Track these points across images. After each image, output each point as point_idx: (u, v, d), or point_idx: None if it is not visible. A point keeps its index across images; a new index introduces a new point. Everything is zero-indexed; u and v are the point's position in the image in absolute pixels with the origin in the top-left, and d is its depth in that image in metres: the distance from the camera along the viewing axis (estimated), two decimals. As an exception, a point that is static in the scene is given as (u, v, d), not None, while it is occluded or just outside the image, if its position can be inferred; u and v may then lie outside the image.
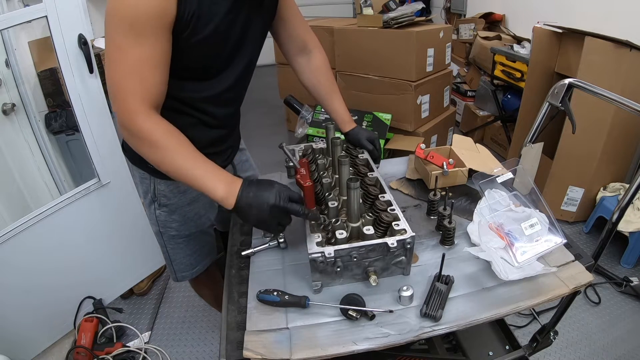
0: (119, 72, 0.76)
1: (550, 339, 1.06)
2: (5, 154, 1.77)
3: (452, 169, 1.12)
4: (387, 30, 2.31)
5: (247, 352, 0.70)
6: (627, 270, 1.98)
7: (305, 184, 0.89)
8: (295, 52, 1.14)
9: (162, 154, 0.79)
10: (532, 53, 2.42)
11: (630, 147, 2.23)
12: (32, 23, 1.45)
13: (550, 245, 0.85)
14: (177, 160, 0.78)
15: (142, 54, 0.74)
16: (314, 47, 1.14)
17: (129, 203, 1.73)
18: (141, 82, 0.76)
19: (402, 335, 0.72)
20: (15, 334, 1.50)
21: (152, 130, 0.77)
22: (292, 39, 1.11)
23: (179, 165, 0.79)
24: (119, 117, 0.78)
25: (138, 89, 0.76)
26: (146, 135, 0.77)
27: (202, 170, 0.79)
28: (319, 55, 1.15)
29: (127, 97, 0.76)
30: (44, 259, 1.52)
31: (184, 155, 0.79)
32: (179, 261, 1.20)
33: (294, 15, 1.08)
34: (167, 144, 0.78)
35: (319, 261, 0.77)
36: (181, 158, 0.79)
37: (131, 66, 0.75)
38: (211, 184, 0.78)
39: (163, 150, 0.78)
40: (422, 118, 2.53)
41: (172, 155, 0.78)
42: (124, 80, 0.76)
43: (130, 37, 0.73)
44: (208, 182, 0.78)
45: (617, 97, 0.93)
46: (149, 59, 0.75)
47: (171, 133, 0.79)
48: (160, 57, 0.77)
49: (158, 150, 0.78)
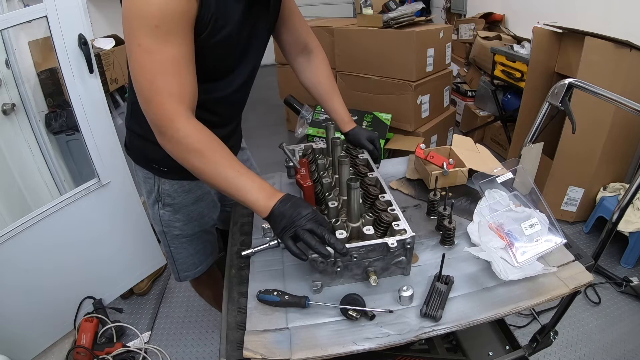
0: (150, 74, 0.73)
1: (550, 339, 1.06)
2: (5, 154, 1.77)
3: (452, 169, 1.12)
4: (387, 30, 2.31)
5: (247, 352, 0.70)
6: (627, 270, 1.98)
7: (305, 184, 0.89)
8: (295, 52, 1.15)
9: (204, 161, 0.76)
10: (532, 53, 2.42)
11: (630, 147, 2.23)
12: (32, 23, 1.45)
13: (550, 245, 0.85)
14: (219, 168, 0.76)
15: (173, 53, 0.73)
16: (314, 47, 1.15)
17: (129, 203, 1.73)
18: (177, 83, 0.74)
19: (402, 335, 0.72)
20: (15, 333, 1.50)
21: (193, 136, 0.75)
22: (292, 39, 1.12)
23: (222, 173, 0.76)
24: (155, 122, 0.76)
25: (175, 90, 0.74)
26: (188, 141, 0.75)
27: (245, 180, 0.76)
28: (319, 55, 1.15)
29: (164, 99, 0.73)
30: (44, 258, 1.52)
31: (226, 163, 0.76)
32: (182, 261, 1.21)
33: (295, 16, 1.09)
34: (209, 150, 0.76)
35: (319, 261, 0.77)
36: (223, 166, 0.76)
37: (164, 67, 0.72)
38: (254, 196, 0.76)
39: (205, 157, 0.75)
40: (422, 118, 2.53)
41: (215, 162, 0.76)
42: (157, 82, 0.73)
43: (157, 37, 0.71)
44: (250, 193, 0.76)
45: (617, 97, 0.93)
46: (181, 58, 0.74)
47: (212, 139, 0.77)
48: (189, 56, 0.76)
49: (200, 157, 0.75)
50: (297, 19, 1.10)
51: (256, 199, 0.76)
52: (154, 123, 0.76)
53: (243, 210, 1.16)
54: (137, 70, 0.74)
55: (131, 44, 0.72)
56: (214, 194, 1.18)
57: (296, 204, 0.74)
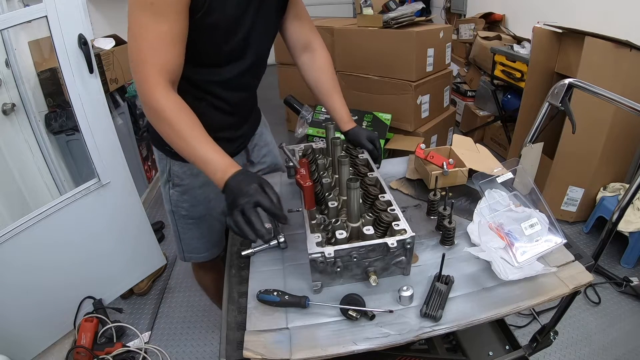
0: (140, 46, 0.81)
1: (550, 339, 1.06)
2: (5, 154, 1.77)
3: (452, 169, 1.12)
4: (387, 30, 2.31)
5: (247, 352, 0.70)
6: (627, 270, 1.98)
7: (305, 184, 0.89)
8: (300, 49, 1.17)
9: (173, 129, 0.82)
10: (532, 53, 2.42)
11: (630, 147, 2.23)
12: (32, 23, 1.45)
13: (550, 245, 0.85)
14: (185, 138, 0.82)
15: (164, 30, 0.80)
16: (318, 46, 1.17)
17: (129, 203, 1.73)
18: (163, 57, 0.81)
19: (402, 335, 0.72)
20: (15, 333, 1.50)
21: (167, 105, 0.81)
22: (297, 36, 1.15)
23: (186, 143, 0.82)
24: (139, 90, 0.83)
25: (157, 62, 0.81)
26: (161, 110, 0.81)
27: (206, 152, 0.82)
28: (323, 54, 1.18)
29: (147, 69, 0.81)
30: (44, 258, 1.52)
31: (193, 134, 0.82)
32: (187, 242, 1.25)
33: (301, 13, 1.12)
34: (179, 121, 0.82)
35: (319, 261, 0.77)
36: (189, 137, 0.82)
37: (153, 41, 0.80)
38: (212, 168, 0.81)
39: (174, 126, 0.82)
40: (422, 118, 2.53)
41: (182, 132, 0.82)
42: (145, 54, 0.81)
43: (151, 13, 0.78)
44: (210, 165, 0.81)
45: (617, 97, 0.93)
46: (171, 35, 0.81)
47: (184, 111, 0.83)
48: (179, 33, 0.82)
49: (170, 125, 0.82)
50: (303, 17, 1.13)
51: (214, 171, 0.81)
52: (138, 90, 0.83)
53: (243, 210, 1.15)
54: (131, 41, 0.81)
55: (129, 17, 0.81)
56: None
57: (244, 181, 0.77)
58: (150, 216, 2.04)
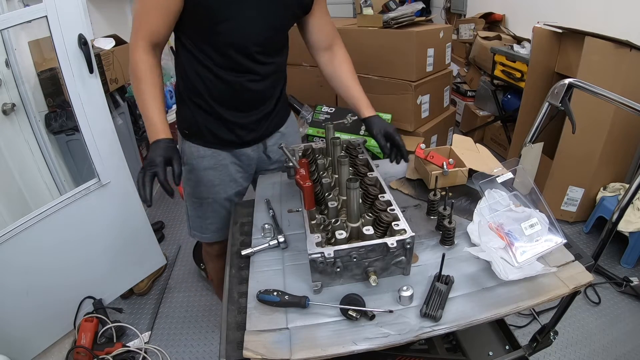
0: (136, 12, 0.98)
1: (550, 339, 1.06)
2: (5, 154, 1.77)
3: (452, 169, 1.12)
4: (387, 30, 2.31)
5: (247, 352, 0.70)
6: (627, 270, 1.98)
7: (305, 184, 0.89)
8: (322, 49, 1.23)
9: (137, 85, 0.98)
10: (532, 53, 2.42)
11: (630, 147, 2.23)
12: (32, 23, 1.45)
13: (550, 245, 0.85)
14: (142, 95, 0.97)
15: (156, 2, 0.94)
16: (339, 46, 1.24)
17: (129, 203, 1.73)
18: (147, 21, 0.96)
19: (402, 335, 0.72)
20: (15, 334, 1.50)
21: (140, 64, 0.97)
22: (319, 37, 1.20)
23: (142, 99, 0.97)
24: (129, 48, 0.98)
25: (143, 27, 0.97)
26: (135, 66, 0.97)
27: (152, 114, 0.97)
28: (341, 51, 1.24)
29: (135, 32, 0.97)
30: (44, 259, 1.52)
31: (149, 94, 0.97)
32: (193, 219, 1.34)
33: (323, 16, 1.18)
34: (145, 79, 0.97)
35: (319, 261, 0.77)
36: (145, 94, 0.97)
37: (144, 8, 0.96)
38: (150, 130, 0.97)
39: (139, 82, 0.97)
40: (422, 118, 2.53)
41: (142, 89, 0.97)
42: (137, 19, 0.98)
43: None
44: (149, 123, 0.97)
45: (617, 97, 0.93)
46: (157, 5, 0.94)
47: (152, 72, 0.98)
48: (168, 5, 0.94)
49: (137, 81, 0.98)
50: (325, 20, 1.19)
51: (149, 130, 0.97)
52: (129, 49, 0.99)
53: (243, 210, 1.16)
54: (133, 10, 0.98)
55: None
56: (233, 171, 1.25)
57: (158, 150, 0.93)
58: (150, 216, 2.04)
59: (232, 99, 1.11)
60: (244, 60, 1.06)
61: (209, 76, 1.07)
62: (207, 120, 1.16)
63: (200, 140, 1.19)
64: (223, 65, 1.05)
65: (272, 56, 1.11)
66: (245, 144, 1.22)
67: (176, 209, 2.69)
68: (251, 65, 1.08)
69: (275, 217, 1.04)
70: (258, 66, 1.09)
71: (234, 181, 1.27)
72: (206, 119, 1.16)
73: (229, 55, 1.04)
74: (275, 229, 0.99)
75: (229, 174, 1.25)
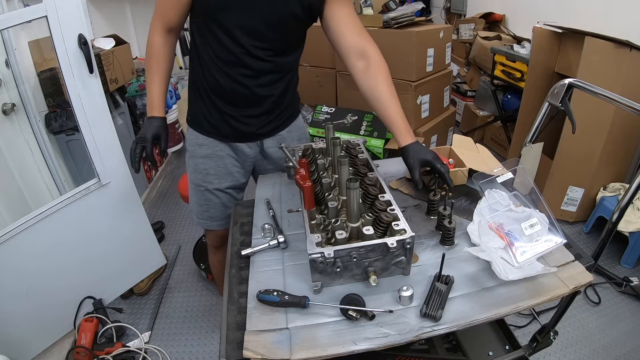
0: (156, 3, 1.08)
1: (550, 339, 1.06)
2: (5, 154, 1.77)
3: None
4: (387, 30, 2.31)
5: (247, 352, 0.70)
6: (627, 270, 1.98)
7: (305, 184, 0.89)
8: (354, 57, 1.12)
9: (148, 63, 1.12)
10: (532, 53, 2.42)
11: (630, 147, 2.23)
12: (32, 23, 1.45)
13: (550, 245, 0.85)
14: (149, 71, 1.12)
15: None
16: (373, 53, 1.12)
17: (129, 203, 1.73)
18: (163, 7, 1.08)
19: (402, 335, 0.72)
20: (15, 334, 1.50)
21: (153, 45, 1.11)
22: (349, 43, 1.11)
23: (149, 76, 1.12)
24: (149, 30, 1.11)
25: (160, 11, 1.09)
26: (150, 47, 1.11)
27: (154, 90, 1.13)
28: (379, 60, 1.12)
29: (155, 15, 1.09)
30: (44, 258, 1.52)
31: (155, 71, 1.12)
32: (192, 203, 1.38)
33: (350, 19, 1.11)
34: (154, 58, 1.11)
35: (319, 261, 0.77)
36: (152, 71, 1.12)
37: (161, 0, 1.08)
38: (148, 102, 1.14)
39: (150, 61, 1.12)
40: (422, 118, 2.53)
41: (151, 67, 1.12)
42: (156, 4, 1.08)
43: None
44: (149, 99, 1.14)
45: (617, 97, 0.93)
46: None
47: (163, 53, 1.12)
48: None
49: (148, 59, 1.12)
50: (353, 23, 1.11)
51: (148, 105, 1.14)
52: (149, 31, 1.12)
53: (243, 210, 1.16)
54: None
55: None
56: (229, 163, 1.27)
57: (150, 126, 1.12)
58: (150, 216, 2.04)
59: (225, 90, 1.13)
60: (239, 52, 1.06)
61: (208, 64, 1.10)
62: (204, 108, 1.19)
63: (200, 128, 1.24)
64: (220, 54, 1.07)
65: (270, 54, 1.09)
66: (240, 138, 1.23)
67: (176, 209, 2.69)
68: (245, 58, 1.07)
69: (275, 217, 1.04)
70: (253, 61, 1.08)
71: (229, 174, 1.28)
72: (204, 107, 1.18)
73: (225, 46, 1.05)
74: (275, 229, 0.99)
75: (225, 165, 1.27)
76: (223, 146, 1.24)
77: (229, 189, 1.31)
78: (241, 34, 1.04)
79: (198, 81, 1.16)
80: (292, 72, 1.21)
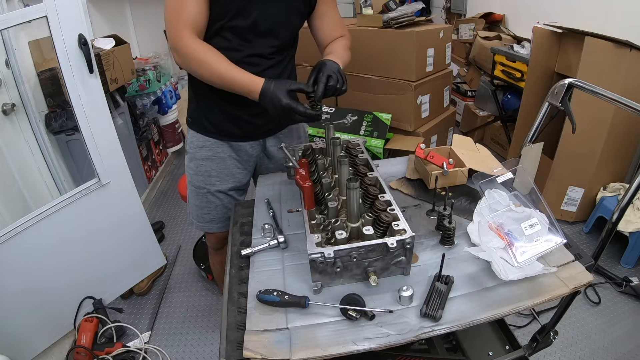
0: (171, 8, 1.00)
1: (550, 339, 1.06)
2: (5, 154, 1.77)
3: (452, 169, 1.12)
4: (387, 30, 2.31)
5: (247, 352, 0.70)
6: (627, 270, 1.98)
7: (305, 184, 0.89)
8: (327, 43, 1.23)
9: (203, 65, 1.01)
10: (532, 53, 2.42)
11: (630, 147, 2.23)
12: (32, 23, 1.45)
13: (550, 245, 0.85)
14: (214, 68, 1.00)
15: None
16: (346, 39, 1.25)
17: (129, 203, 1.73)
18: (188, 11, 0.99)
19: (402, 335, 0.72)
20: (15, 334, 1.50)
21: (195, 48, 1.00)
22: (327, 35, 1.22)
23: (217, 71, 1.00)
24: (171, 42, 1.02)
25: (185, 17, 0.99)
26: (191, 52, 1.00)
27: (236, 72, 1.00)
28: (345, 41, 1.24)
29: (177, 24, 0.99)
30: (43, 258, 1.52)
31: (220, 64, 1.00)
32: (191, 206, 1.37)
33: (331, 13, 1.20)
34: (207, 57, 1.00)
35: (319, 261, 0.77)
36: (218, 66, 1.00)
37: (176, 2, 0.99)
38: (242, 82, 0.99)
39: (204, 61, 1.00)
40: (422, 118, 2.53)
41: (211, 64, 1.00)
42: (173, 13, 1.00)
43: None
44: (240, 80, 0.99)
45: (617, 97, 0.93)
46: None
47: (210, 50, 1.01)
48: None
49: (200, 62, 1.01)
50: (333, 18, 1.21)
51: (244, 84, 0.99)
52: (171, 44, 1.02)
53: (243, 210, 1.16)
54: (166, 5, 1.00)
55: None
56: (230, 165, 1.27)
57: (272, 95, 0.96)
58: (150, 216, 2.04)
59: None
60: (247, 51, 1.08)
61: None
62: (205, 108, 1.19)
63: (200, 129, 1.23)
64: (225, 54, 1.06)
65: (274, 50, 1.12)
66: (241, 137, 1.24)
67: (176, 209, 2.70)
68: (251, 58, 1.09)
69: (275, 217, 1.04)
70: (258, 59, 1.10)
71: (231, 175, 1.29)
72: (205, 107, 1.19)
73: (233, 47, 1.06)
74: (275, 229, 0.99)
75: (226, 167, 1.27)
76: (224, 147, 1.25)
77: (231, 191, 1.31)
78: (253, 34, 1.05)
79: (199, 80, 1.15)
80: (290, 68, 1.24)
